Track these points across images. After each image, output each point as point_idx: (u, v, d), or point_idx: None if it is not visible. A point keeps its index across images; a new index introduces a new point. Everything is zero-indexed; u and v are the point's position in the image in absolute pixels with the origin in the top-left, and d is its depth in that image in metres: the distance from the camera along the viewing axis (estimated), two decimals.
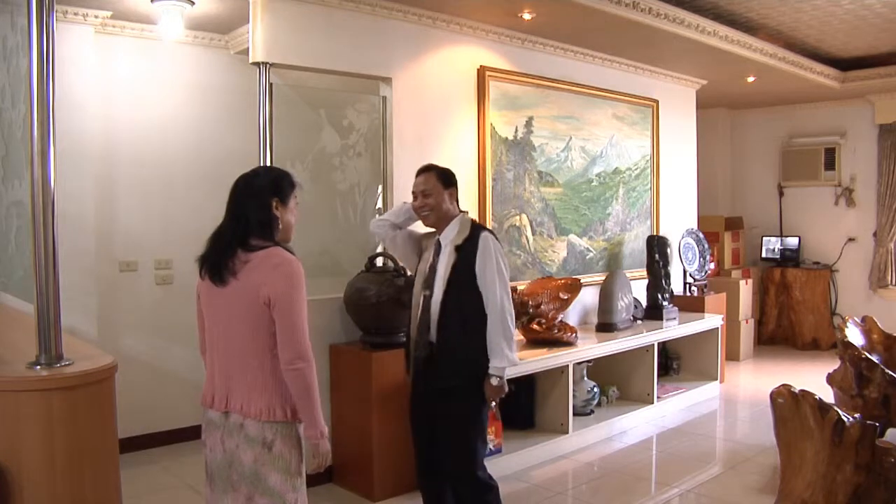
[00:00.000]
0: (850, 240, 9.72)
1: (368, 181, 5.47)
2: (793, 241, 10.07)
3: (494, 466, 5.14)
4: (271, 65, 4.81)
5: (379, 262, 5.07)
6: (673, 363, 7.78)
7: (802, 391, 3.86)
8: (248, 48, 4.88)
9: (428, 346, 3.81)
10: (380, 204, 5.49)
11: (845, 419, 3.65)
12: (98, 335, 5.16)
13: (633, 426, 6.41)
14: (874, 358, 5.62)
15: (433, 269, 3.84)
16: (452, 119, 5.85)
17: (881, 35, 7.36)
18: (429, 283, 3.84)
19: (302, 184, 2.90)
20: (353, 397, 4.93)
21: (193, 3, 5.05)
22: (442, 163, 5.63)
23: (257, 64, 4.79)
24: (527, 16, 5.70)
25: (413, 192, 3.96)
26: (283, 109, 4.97)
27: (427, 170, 4.00)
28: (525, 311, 5.51)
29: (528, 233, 6.42)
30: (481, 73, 6.00)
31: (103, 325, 5.38)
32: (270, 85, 4.83)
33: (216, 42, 5.99)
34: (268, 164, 4.77)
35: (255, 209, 2.73)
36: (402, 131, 5.47)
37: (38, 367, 2.99)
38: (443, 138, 5.77)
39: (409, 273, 4.74)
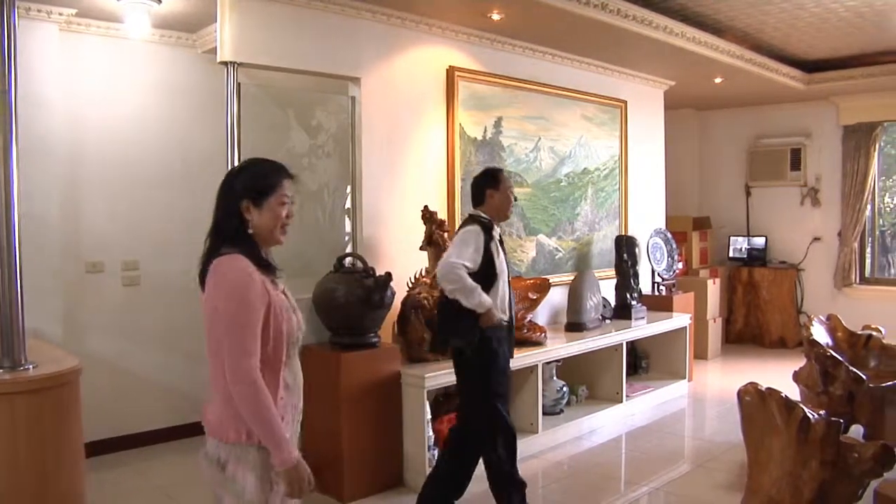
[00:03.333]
0: (816, 239, 9.83)
1: (337, 181, 5.45)
2: (760, 241, 10.17)
3: None
4: (239, 64, 4.78)
5: (348, 262, 5.06)
6: (642, 362, 7.83)
7: (769, 389, 3.90)
8: (215, 47, 4.83)
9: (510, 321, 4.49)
10: (349, 204, 5.47)
11: (811, 416, 3.70)
12: (63, 337, 5.09)
13: (603, 425, 6.44)
14: (839, 356, 5.69)
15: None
16: (421, 119, 5.85)
17: (844, 38, 7.46)
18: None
19: (297, 175, 2.75)
20: (322, 398, 4.90)
21: (160, 2, 5.00)
22: (410, 163, 5.69)
23: (225, 63, 4.76)
24: (496, 16, 5.71)
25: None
26: (251, 109, 4.94)
27: None
28: None
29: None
30: (450, 73, 6.00)
31: (69, 326, 5.32)
32: (238, 84, 4.79)
33: (183, 41, 5.94)
34: (234, 165, 4.74)
35: (221, 214, 2.56)
36: (370, 131, 5.46)
37: (1, 370, 2.95)
38: (412, 138, 5.76)
39: (377, 273, 4.75)
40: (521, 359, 5.64)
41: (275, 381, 2.49)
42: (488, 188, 4.44)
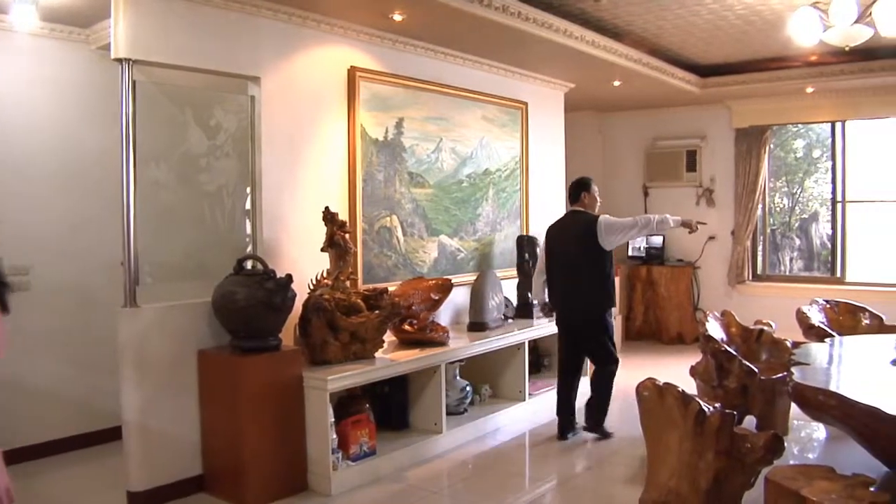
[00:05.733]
0: (711, 238, 10.12)
1: (237, 182, 5.35)
2: (657, 240, 10.43)
3: (368, 468, 5.16)
4: (134, 61, 4.64)
5: (248, 264, 4.98)
6: (544, 360, 7.92)
7: (666, 384, 4.01)
8: (109, 43, 4.68)
9: None
10: (248, 205, 5.39)
11: (706, 409, 3.81)
12: None
13: (507, 423, 6.50)
14: (733, 350, 5.87)
15: None
16: (323, 119, 5.80)
17: (736, 45, 7.71)
18: None
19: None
20: (223, 403, 4.82)
21: None
22: (311, 163, 5.64)
23: (119, 60, 4.61)
24: (397, 17, 5.70)
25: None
26: (148, 108, 4.80)
27: None
28: (397, 312, 5.51)
29: (399, 234, 6.43)
30: (352, 73, 5.96)
31: None
32: (133, 82, 4.66)
33: (76, 36, 5.73)
34: (130, 164, 4.62)
35: None
36: (271, 132, 5.38)
37: None
38: (313, 139, 5.71)
39: (278, 275, 4.71)
40: (423, 359, 5.67)
41: None
42: (583, 191, 6.26)
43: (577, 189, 6.28)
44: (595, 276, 5.95)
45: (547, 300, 6.43)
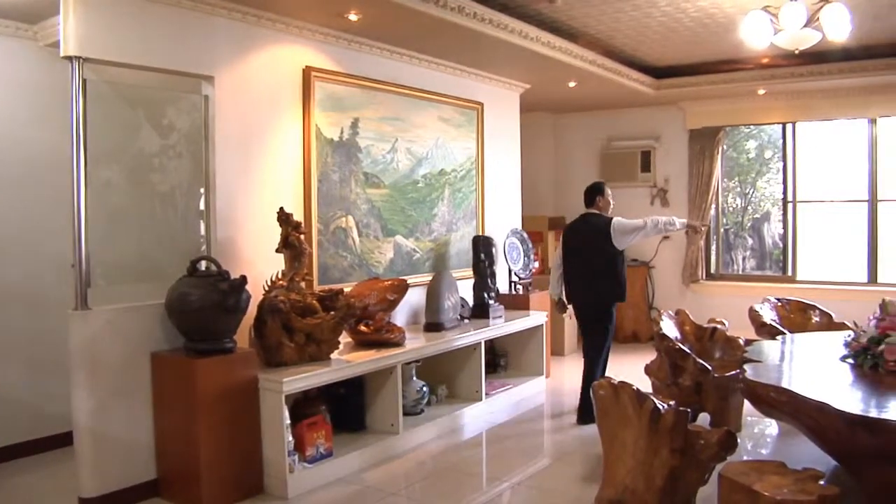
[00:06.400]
0: (665, 238, 10.21)
1: (190, 183, 5.29)
2: None
3: (325, 470, 5.14)
4: (85, 59, 4.56)
5: (202, 265, 4.93)
6: (500, 360, 7.96)
7: (621, 383, 4.04)
8: (59, 41, 4.59)
9: None
10: (202, 206, 5.32)
11: (661, 407, 3.85)
12: None
13: (464, 423, 6.51)
14: (687, 348, 5.94)
15: None
16: (277, 119, 5.76)
17: (690, 47, 7.80)
18: None
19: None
20: (177, 406, 4.75)
21: None
22: (266, 164, 5.61)
23: (70, 58, 4.53)
24: (353, 17, 5.67)
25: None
26: (99, 107, 4.72)
27: None
28: (352, 313, 5.49)
29: (355, 234, 6.40)
30: (307, 73, 5.92)
31: None
32: (84, 81, 4.58)
33: (23, 32, 5.60)
34: (81, 164, 4.54)
35: None
36: (224, 131, 5.33)
37: None
38: (267, 139, 5.66)
39: (232, 276, 4.67)
40: (379, 360, 5.66)
41: None
42: (597, 195, 6.60)
43: (592, 193, 6.65)
44: (608, 273, 6.43)
45: (557, 293, 6.89)
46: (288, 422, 4.95)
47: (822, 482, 3.56)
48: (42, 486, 5.16)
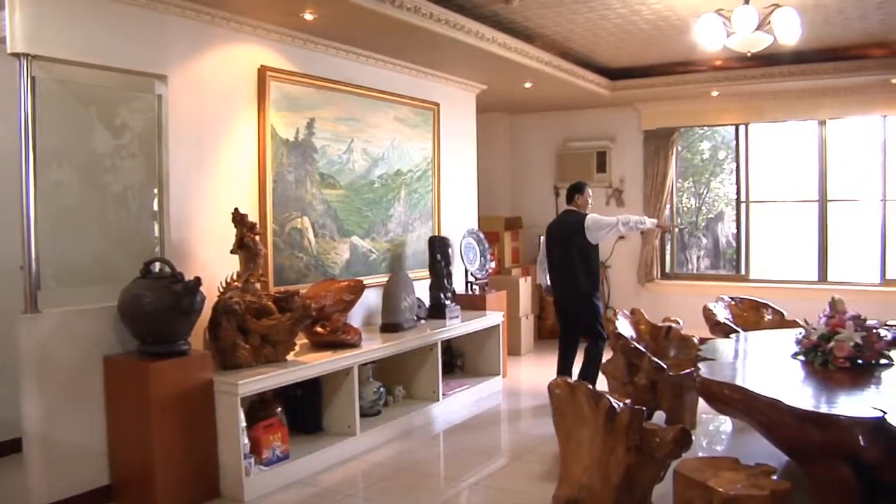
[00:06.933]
0: (621, 237, 10.27)
1: (143, 183, 5.21)
2: None
3: (282, 473, 5.10)
4: (33, 57, 4.46)
5: (155, 267, 4.86)
6: (457, 360, 7.96)
7: (577, 382, 4.07)
8: (5, 37, 4.49)
9: None
10: (156, 207, 5.25)
11: (616, 406, 3.89)
12: None
13: (421, 424, 6.50)
14: (642, 347, 6.00)
15: None
16: (232, 119, 5.70)
17: (645, 48, 7.87)
18: None
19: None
20: (131, 410, 4.68)
21: None
22: (221, 164, 5.56)
23: (17, 55, 4.43)
24: (308, 16, 5.64)
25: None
26: (49, 106, 4.63)
27: None
28: (308, 315, 5.45)
29: (311, 235, 6.36)
30: (262, 73, 5.88)
31: None
32: (33, 79, 4.49)
33: None
34: (30, 164, 4.46)
35: None
36: (178, 131, 5.27)
37: None
38: (222, 139, 5.61)
39: (186, 278, 4.60)
40: (335, 361, 5.63)
41: None
42: (576, 193, 7.07)
43: (572, 192, 7.17)
44: (583, 266, 6.84)
45: (544, 282, 7.36)
46: (244, 424, 4.91)
47: (774, 477, 3.61)
48: None
